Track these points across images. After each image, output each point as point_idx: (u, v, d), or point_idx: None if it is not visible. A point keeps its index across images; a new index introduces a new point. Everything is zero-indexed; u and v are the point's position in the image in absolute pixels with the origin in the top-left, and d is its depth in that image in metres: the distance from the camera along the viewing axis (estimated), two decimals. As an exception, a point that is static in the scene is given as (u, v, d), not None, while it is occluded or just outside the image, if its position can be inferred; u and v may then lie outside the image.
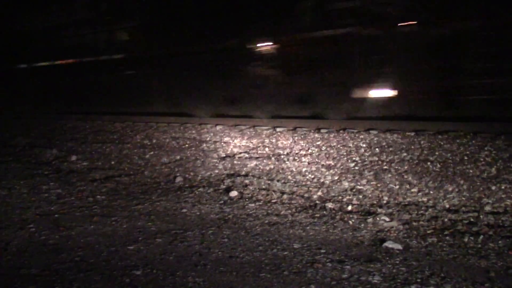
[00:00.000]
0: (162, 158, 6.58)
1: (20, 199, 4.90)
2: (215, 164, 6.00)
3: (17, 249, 3.39)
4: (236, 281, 2.79)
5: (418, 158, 5.12)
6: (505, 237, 3.45)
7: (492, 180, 4.36)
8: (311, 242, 3.49)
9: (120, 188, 5.44)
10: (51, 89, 12.49)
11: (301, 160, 5.64)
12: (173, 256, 3.20)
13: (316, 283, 2.74)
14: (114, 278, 2.82)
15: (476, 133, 5.57)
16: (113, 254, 3.25)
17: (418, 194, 4.43)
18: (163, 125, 8.69)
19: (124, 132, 8.64)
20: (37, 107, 12.84)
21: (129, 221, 4.07)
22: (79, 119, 10.77)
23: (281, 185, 5.06)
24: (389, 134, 5.98)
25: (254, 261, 3.11)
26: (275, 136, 6.72)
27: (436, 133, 5.83)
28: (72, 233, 3.73)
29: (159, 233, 3.71)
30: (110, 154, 7.14)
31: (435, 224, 3.82)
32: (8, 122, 11.71)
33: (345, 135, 6.25)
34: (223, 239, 3.56)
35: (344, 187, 4.81)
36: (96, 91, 11.16)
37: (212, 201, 4.73)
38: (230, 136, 7.14)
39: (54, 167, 6.74)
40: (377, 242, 3.49)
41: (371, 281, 2.75)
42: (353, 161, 5.35)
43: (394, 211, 4.15)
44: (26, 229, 3.83)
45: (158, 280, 2.81)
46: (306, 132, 6.70)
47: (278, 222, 4.00)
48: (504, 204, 4.01)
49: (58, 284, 2.74)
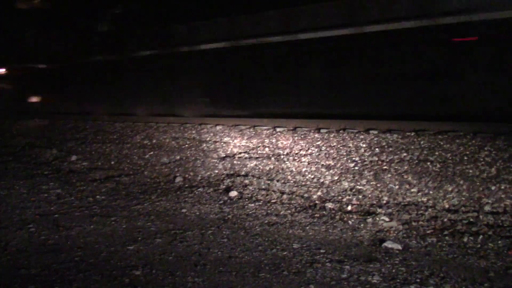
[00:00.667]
0: (162, 158, 6.58)
1: (19, 199, 4.91)
2: (215, 164, 6.00)
3: (17, 249, 3.39)
4: (236, 281, 2.79)
5: (418, 158, 5.12)
6: (504, 237, 3.45)
7: (492, 180, 4.36)
8: (310, 242, 3.49)
9: (120, 188, 5.44)
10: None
11: (301, 160, 5.64)
12: (172, 256, 3.20)
13: (316, 283, 2.74)
14: (113, 278, 2.83)
15: (476, 133, 5.57)
16: (113, 254, 3.26)
17: (417, 194, 4.43)
18: (163, 125, 8.70)
19: (124, 132, 8.64)
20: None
21: (128, 221, 4.07)
22: (79, 119, 10.78)
23: (281, 185, 5.06)
24: (389, 134, 5.98)
25: (253, 261, 3.12)
26: (275, 136, 6.72)
27: (436, 133, 5.83)
28: (72, 233, 3.73)
29: (158, 233, 3.71)
30: (110, 154, 7.14)
31: (434, 224, 3.82)
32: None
33: (345, 135, 6.25)
34: (222, 239, 3.56)
35: (344, 187, 4.81)
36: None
37: (211, 201, 4.73)
38: (230, 136, 7.14)
39: (54, 167, 6.74)
40: (377, 242, 3.49)
41: (371, 281, 2.75)
42: (353, 161, 5.35)
43: (393, 211, 4.15)
44: (26, 229, 3.83)
45: (158, 280, 2.81)
46: (306, 132, 6.70)
47: (277, 222, 4.00)
48: (504, 204, 4.00)
49: (57, 284, 2.74)
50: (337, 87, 7.56)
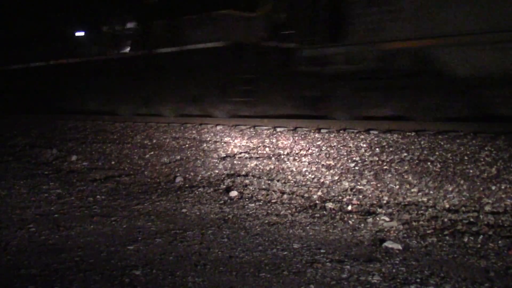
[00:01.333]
0: (162, 158, 6.58)
1: (20, 199, 4.90)
2: (215, 164, 6.00)
3: (17, 249, 3.38)
4: (236, 281, 2.79)
5: (418, 158, 5.11)
6: (504, 237, 3.45)
7: (492, 180, 4.36)
8: (310, 242, 3.48)
9: (120, 188, 5.44)
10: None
11: (301, 160, 5.64)
12: (172, 256, 3.20)
13: (316, 283, 2.74)
14: (113, 278, 2.82)
15: (476, 133, 5.56)
16: (113, 254, 3.25)
17: (418, 194, 4.42)
18: (163, 125, 8.69)
19: (124, 132, 8.65)
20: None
21: (129, 221, 4.07)
22: (79, 119, 10.78)
23: (281, 185, 5.06)
24: (389, 134, 5.98)
25: (253, 261, 3.11)
26: (276, 136, 6.71)
27: (436, 133, 5.83)
28: (72, 233, 3.73)
29: (158, 233, 3.71)
30: (110, 154, 7.14)
31: (435, 224, 3.82)
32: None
33: (346, 135, 6.24)
34: (222, 239, 3.56)
35: (344, 187, 4.80)
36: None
37: (212, 201, 4.73)
38: (231, 136, 7.14)
39: (54, 167, 6.75)
40: (377, 242, 3.48)
41: (371, 281, 2.75)
42: (353, 161, 5.35)
43: (394, 211, 4.15)
44: (26, 229, 3.83)
45: (158, 280, 2.81)
46: (306, 132, 6.70)
47: (278, 222, 4.00)
48: (504, 204, 4.00)
49: (57, 284, 2.74)
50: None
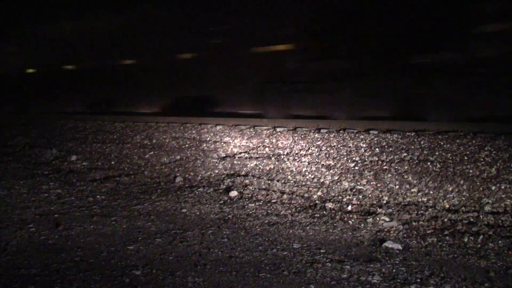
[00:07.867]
0: (162, 158, 6.58)
1: (20, 199, 4.90)
2: (215, 164, 6.00)
3: (17, 249, 3.38)
4: (236, 281, 2.79)
5: (418, 158, 5.11)
6: (504, 237, 3.45)
7: (492, 180, 4.36)
8: (310, 242, 3.49)
9: (120, 188, 5.44)
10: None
11: (301, 160, 5.64)
12: (172, 256, 3.20)
13: (316, 283, 2.74)
14: (113, 278, 2.82)
15: (476, 133, 5.56)
16: (113, 254, 3.25)
17: (418, 194, 4.43)
18: (163, 125, 8.69)
19: (124, 132, 8.64)
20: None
21: (128, 221, 4.07)
22: (79, 119, 10.77)
23: (281, 185, 5.06)
24: (389, 134, 5.98)
25: (253, 261, 3.11)
26: (275, 136, 6.71)
27: (436, 133, 5.83)
28: (72, 233, 3.73)
29: (158, 233, 3.71)
30: (110, 154, 7.14)
31: (435, 224, 3.82)
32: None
33: (345, 135, 6.24)
34: (222, 239, 3.56)
35: (344, 187, 4.81)
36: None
37: (212, 201, 4.73)
38: (230, 136, 7.13)
39: (54, 167, 6.74)
40: (377, 242, 3.49)
41: (371, 281, 2.75)
42: (353, 161, 5.35)
43: (394, 211, 4.15)
44: (26, 229, 3.82)
45: (158, 280, 2.81)
46: (306, 132, 6.70)
47: (278, 222, 4.00)
48: (504, 204, 4.00)
49: (57, 284, 2.74)
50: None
